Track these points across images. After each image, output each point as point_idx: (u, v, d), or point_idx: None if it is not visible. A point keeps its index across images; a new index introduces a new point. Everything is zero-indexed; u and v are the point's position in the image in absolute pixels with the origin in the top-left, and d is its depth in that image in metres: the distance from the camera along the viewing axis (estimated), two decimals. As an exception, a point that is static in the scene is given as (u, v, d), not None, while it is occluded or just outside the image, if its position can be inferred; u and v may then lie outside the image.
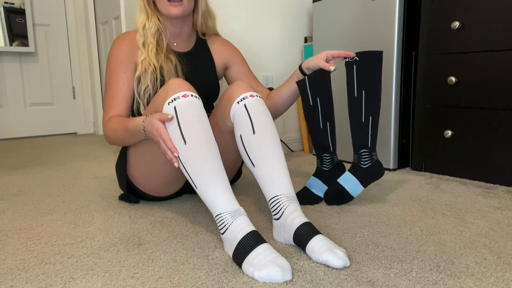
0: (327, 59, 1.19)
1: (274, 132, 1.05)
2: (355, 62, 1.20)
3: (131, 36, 1.27)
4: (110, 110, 1.22)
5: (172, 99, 0.99)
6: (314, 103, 1.23)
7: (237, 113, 1.07)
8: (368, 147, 1.25)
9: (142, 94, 1.22)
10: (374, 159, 1.26)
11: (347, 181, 1.26)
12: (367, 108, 1.22)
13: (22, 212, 1.29)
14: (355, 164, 1.27)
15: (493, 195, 1.37)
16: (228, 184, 0.96)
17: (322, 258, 0.85)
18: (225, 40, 1.44)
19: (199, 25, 1.34)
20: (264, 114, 1.06)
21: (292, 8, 2.32)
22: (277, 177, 1.00)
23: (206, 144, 0.96)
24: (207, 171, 0.94)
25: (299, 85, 1.23)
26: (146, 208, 1.30)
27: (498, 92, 1.48)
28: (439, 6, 1.61)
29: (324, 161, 1.30)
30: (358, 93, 1.21)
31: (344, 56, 1.20)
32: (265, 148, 1.02)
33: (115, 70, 1.23)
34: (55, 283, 0.82)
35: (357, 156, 1.27)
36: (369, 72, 1.20)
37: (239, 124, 1.06)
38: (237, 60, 1.41)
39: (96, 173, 1.85)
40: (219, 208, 0.93)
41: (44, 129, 3.30)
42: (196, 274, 0.84)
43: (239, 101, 1.07)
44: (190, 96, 0.99)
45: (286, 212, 0.97)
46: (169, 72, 1.24)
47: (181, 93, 0.99)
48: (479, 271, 0.83)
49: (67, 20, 3.29)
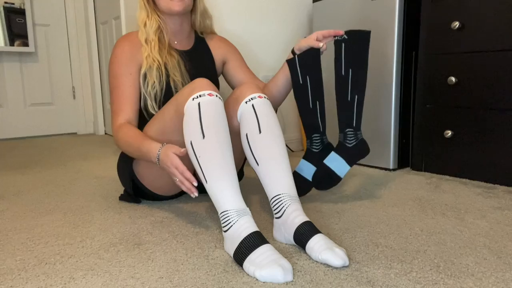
0: (318, 38, 1.21)
1: (279, 133, 1.07)
2: (343, 41, 1.22)
3: (133, 36, 1.28)
4: (120, 113, 1.22)
5: (198, 95, 1.02)
6: (303, 81, 1.23)
7: (245, 112, 1.09)
8: (353, 126, 1.26)
9: (149, 91, 1.23)
10: (359, 138, 1.28)
11: (333, 161, 1.27)
12: (353, 87, 1.24)
13: (22, 212, 1.29)
14: (340, 143, 1.28)
15: (493, 195, 1.37)
16: (237, 184, 0.97)
17: (322, 257, 0.85)
18: (221, 37, 1.47)
19: (197, 24, 1.36)
20: (271, 115, 1.08)
21: (292, 8, 2.32)
22: (280, 176, 1.01)
23: (222, 142, 0.98)
24: (220, 167, 0.96)
25: (289, 64, 1.23)
26: (146, 208, 1.30)
27: (498, 92, 1.48)
28: (439, 6, 1.61)
29: (314, 142, 1.30)
30: (345, 71, 1.23)
31: (334, 35, 1.22)
32: (270, 148, 1.04)
33: (120, 72, 1.23)
34: (55, 283, 0.82)
35: (342, 135, 1.28)
36: (357, 51, 1.22)
37: (246, 123, 1.08)
38: (233, 55, 1.43)
39: (96, 173, 1.85)
40: (226, 205, 0.93)
41: (44, 129, 3.30)
42: (196, 274, 0.84)
43: (247, 101, 1.09)
44: (215, 96, 1.03)
45: (287, 211, 0.97)
46: (174, 68, 1.25)
47: (207, 92, 1.02)
48: (479, 271, 0.83)
49: (67, 20, 3.29)
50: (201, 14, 1.34)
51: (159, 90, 1.23)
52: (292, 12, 2.32)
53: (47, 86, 3.27)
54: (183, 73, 1.28)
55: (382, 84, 1.76)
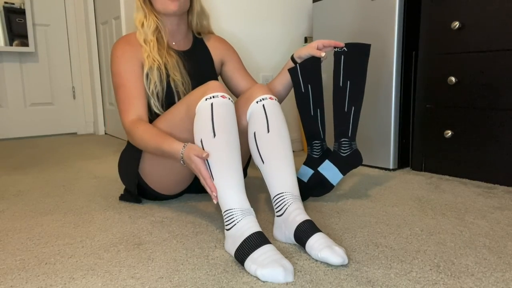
0: (318, 47, 1.24)
1: (287, 135, 1.09)
2: (343, 53, 1.23)
3: (130, 37, 1.29)
4: (130, 110, 1.20)
5: (211, 96, 1.03)
6: (305, 90, 1.26)
7: (255, 111, 1.11)
8: (348, 136, 1.28)
9: (151, 91, 1.23)
10: (353, 148, 1.29)
11: (327, 169, 1.29)
12: (350, 98, 1.25)
13: (22, 212, 1.29)
14: (335, 152, 1.30)
15: (493, 195, 1.37)
16: (243, 184, 0.98)
17: (321, 255, 0.86)
18: (219, 37, 1.47)
19: (194, 25, 1.37)
20: (280, 117, 1.10)
21: (292, 8, 2.32)
22: (284, 175, 1.03)
23: (232, 143, 1.00)
24: (228, 166, 0.97)
25: (291, 73, 1.26)
26: (146, 208, 1.30)
27: (498, 92, 1.48)
28: (439, 6, 1.61)
29: (314, 148, 1.33)
30: (343, 83, 1.25)
31: (334, 46, 1.25)
32: (277, 148, 1.05)
33: (124, 70, 1.23)
34: (55, 283, 0.82)
35: (337, 145, 1.29)
36: (356, 63, 1.23)
37: (255, 121, 1.09)
38: (232, 57, 1.44)
39: (96, 173, 1.85)
40: (231, 203, 0.94)
41: (44, 129, 3.30)
42: (196, 274, 0.84)
43: (258, 101, 1.11)
44: (227, 99, 1.04)
45: (289, 209, 0.99)
46: (174, 68, 1.26)
47: (220, 94, 1.04)
48: (479, 271, 0.83)
49: (67, 20, 3.29)
50: (197, 15, 1.35)
51: (161, 90, 1.24)
52: (292, 12, 2.32)
53: (47, 86, 3.27)
54: (183, 73, 1.28)
55: (382, 84, 1.76)
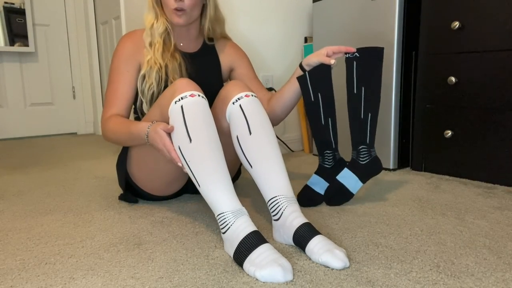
0: (328, 54, 1.18)
1: (271, 132, 1.05)
2: (355, 58, 1.19)
3: (138, 35, 1.28)
4: (110, 107, 1.23)
5: (179, 98, 1.00)
6: (315, 99, 1.22)
7: (233, 114, 1.07)
8: (366, 143, 1.25)
9: (146, 92, 1.22)
10: (372, 155, 1.27)
11: (346, 178, 1.27)
12: (366, 104, 1.22)
13: (22, 212, 1.29)
14: (353, 161, 1.27)
15: (493, 195, 1.37)
16: (231, 183, 0.96)
17: (322, 259, 0.85)
18: (234, 43, 1.43)
19: (206, 31, 1.32)
20: (259, 114, 1.06)
21: (292, 8, 2.32)
22: (275, 178, 1.00)
23: (210, 144, 0.97)
24: (211, 170, 0.95)
25: (300, 81, 1.21)
26: (146, 208, 1.30)
27: (498, 92, 1.48)
28: (439, 6, 1.61)
29: (326, 158, 1.30)
30: (358, 89, 1.21)
31: (345, 52, 1.19)
32: (262, 149, 1.02)
33: (118, 68, 1.24)
34: (55, 283, 0.82)
35: (355, 153, 1.27)
36: (369, 68, 1.19)
37: (235, 125, 1.06)
38: (242, 62, 1.40)
39: (96, 173, 1.85)
40: (222, 207, 0.93)
41: (44, 129, 3.30)
42: (196, 274, 0.84)
43: (234, 102, 1.07)
44: (197, 96, 1.01)
45: (285, 213, 0.97)
46: (174, 71, 1.24)
47: (188, 93, 1.00)
48: (479, 271, 0.83)
49: (67, 20, 3.29)
50: (210, 21, 1.30)
51: (156, 92, 1.22)
52: (292, 12, 2.32)
53: (47, 86, 3.27)
54: (183, 75, 1.26)
55: (382, 84, 1.76)
